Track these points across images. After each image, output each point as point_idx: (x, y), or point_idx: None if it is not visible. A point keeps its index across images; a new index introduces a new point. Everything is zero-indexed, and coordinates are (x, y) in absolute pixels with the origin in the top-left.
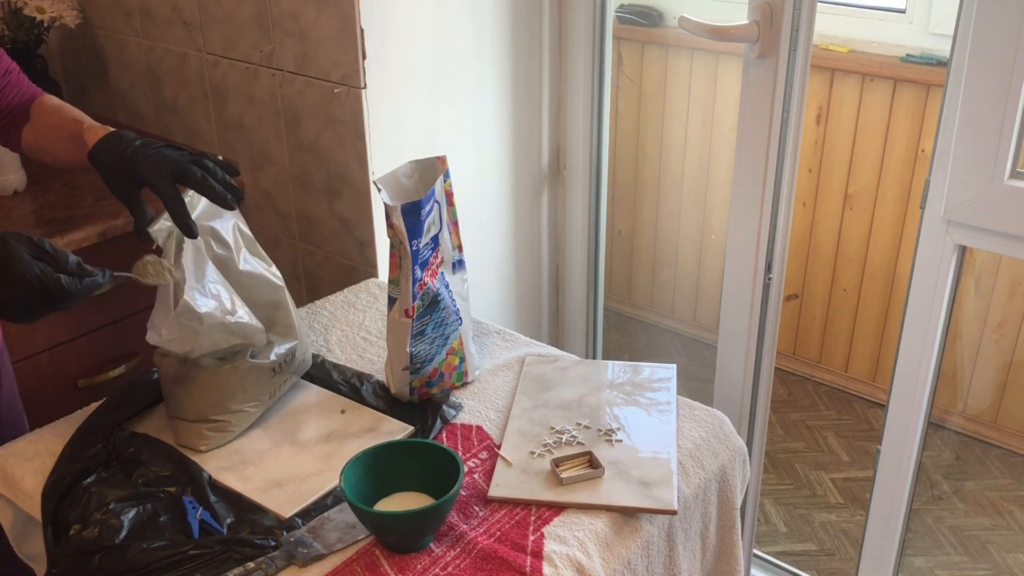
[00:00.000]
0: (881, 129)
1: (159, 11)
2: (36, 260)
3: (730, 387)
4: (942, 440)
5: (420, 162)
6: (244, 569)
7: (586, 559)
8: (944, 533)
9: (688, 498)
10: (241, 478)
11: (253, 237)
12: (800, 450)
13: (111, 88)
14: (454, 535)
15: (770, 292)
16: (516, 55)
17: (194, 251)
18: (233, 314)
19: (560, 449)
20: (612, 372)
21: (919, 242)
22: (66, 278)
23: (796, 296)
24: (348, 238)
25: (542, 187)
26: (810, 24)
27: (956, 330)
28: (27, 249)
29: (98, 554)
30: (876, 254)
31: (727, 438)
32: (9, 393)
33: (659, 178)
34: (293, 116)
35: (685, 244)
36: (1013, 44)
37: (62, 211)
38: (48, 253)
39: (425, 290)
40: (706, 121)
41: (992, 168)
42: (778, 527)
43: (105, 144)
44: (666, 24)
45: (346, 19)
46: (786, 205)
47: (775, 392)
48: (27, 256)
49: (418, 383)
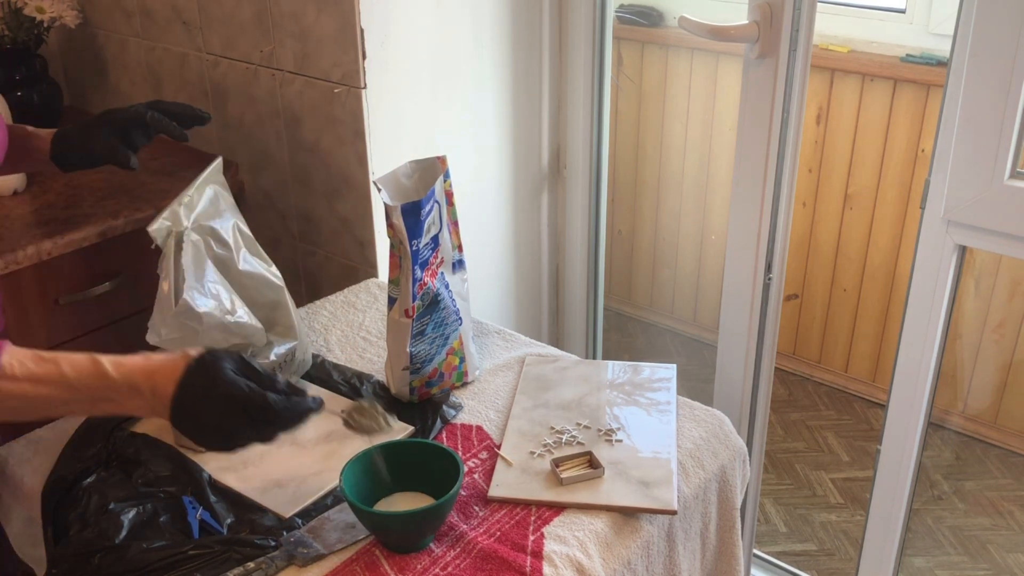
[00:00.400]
0: (881, 129)
1: (159, 11)
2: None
3: (730, 387)
4: (942, 440)
5: (420, 162)
6: (244, 569)
7: (586, 559)
8: (944, 533)
9: (688, 498)
10: (241, 478)
11: (253, 237)
12: (800, 450)
13: (111, 88)
14: (454, 535)
15: (770, 292)
16: (516, 55)
17: (193, 251)
18: (232, 314)
19: (560, 449)
20: (612, 372)
21: (919, 242)
22: (275, 398)
23: (796, 296)
24: (348, 238)
25: (542, 187)
26: (810, 24)
27: (956, 330)
28: (233, 365)
29: (98, 554)
30: (876, 254)
31: (727, 438)
32: None
33: (659, 178)
34: (293, 116)
35: (685, 244)
36: (1013, 44)
37: (62, 211)
38: (255, 371)
39: (425, 290)
40: (706, 121)
41: (992, 168)
42: (778, 527)
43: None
44: (666, 24)
45: (346, 19)
46: (786, 205)
47: (775, 392)
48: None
49: (418, 383)
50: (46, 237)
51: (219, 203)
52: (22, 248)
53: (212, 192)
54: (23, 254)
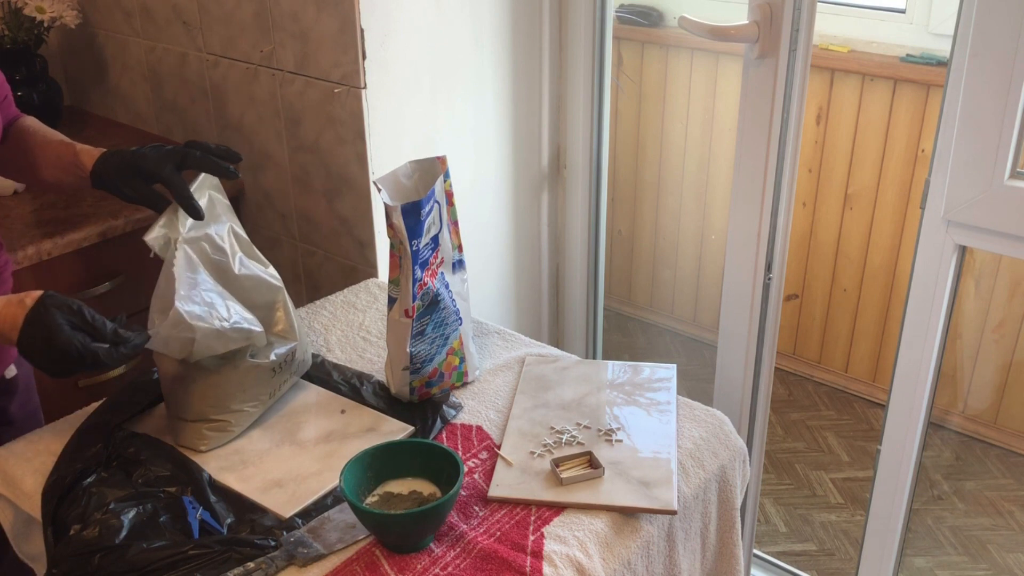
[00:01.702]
0: (881, 129)
1: (159, 11)
2: (76, 331)
3: (730, 387)
4: (942, 440)
5: (420, 162)
6: (244, 569)
7: (586, 559)
8: (944, 533)
9: (688, 498)
10: (241, 478)
11: (249, 240)
12: (800, 450)
13: (111, 88)
14: (454, 535)
15: (770, 292)
16: (516, 55)
17: (186, 259)
18: (228, 320)
19: (560, 449)
20: (612, 372)
21: (919, 242)
22: (104, 351)
23: (796, 296)
24: (348, 238)
25: (542, 187)
26: (810, 24)
27: (956, 330)
28: (67, 318)
29: (98, 554)
30: (876, 254)
31: (727, 438)
32: (26, 388)
33: (659, 178)
34: (293, 116)
35: (685, 244)
36: (1013, 44)
37: (62, 211)
38: (88, 323)
39: (425, 290)
40: (706, 121)
41: (992, 168)
42: (778, 527)
43: (104, 160)
44: (666, 24)
45: (346, 19)
46: (786, 205)
47: (775, 392)
48: (67, 327)
49: (418, 383)
50: (46, 237)
51: (215, 208)
52: (22, 248)
53: (207, 198)
54: (23, 254)
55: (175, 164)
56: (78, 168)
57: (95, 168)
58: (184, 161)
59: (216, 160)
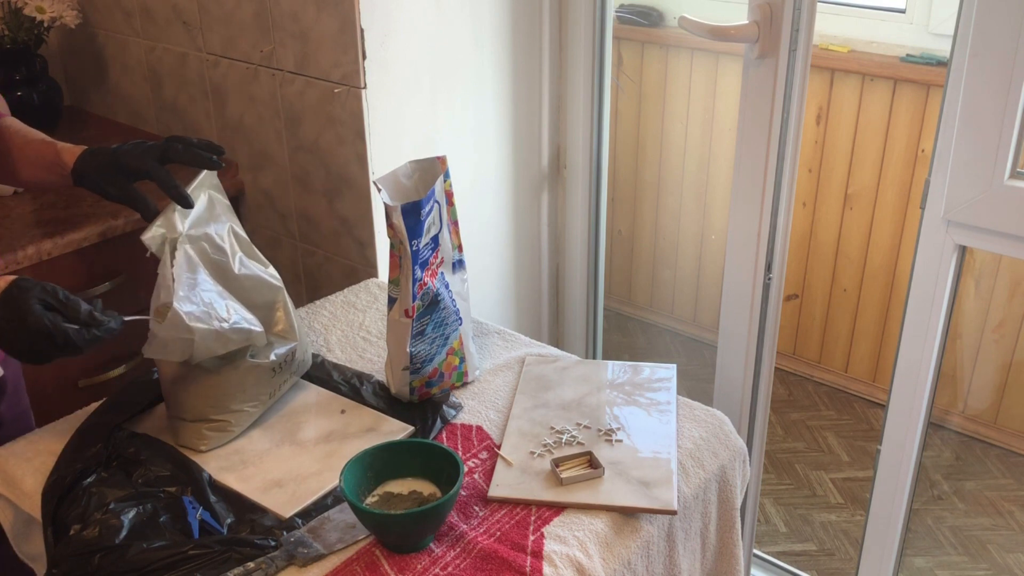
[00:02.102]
0: (881, 129)
1: (159, 11)
2: (48, 311)
3: (730, 387)
4: (942, 440)
5: (420, 162)
6: (244, 569)
7: (586, 559)
8: (944, 533)
9: (688, 498)
10: (241, 478)
11: (249, 240)
12: (800, 450)
13: (111, 88)
14: (454, 535)
15: (770, 292)
16: (516, 55)
17: (186, 259)
18: (227, 321)
19: (560, 449)
20: (612, 372)
21: (919, 242)
22: (75, 331)
23: (796, 296)
24: (348, 238)
25: (542, 187)
26: (810, 24)
27: (956, 330)
28: (39, 298)
29: (98, 554)
30: (876, 254)
31: (727, 438)
32: (14, 390)
33: (659, 178)
34: (293, 116)
35: (685, 244)
36: (1013, 44)
37: (62, 211)
38: (61, 302)
39: (425, 290)
40: (706, 121)
41: (992, 168)
42: (778, 527)
43: (84, 159)
44: (666, 24)
45: (346, 19)
46: (786, 205)
47: (775, 392)
48: (39, 307)
49: (418, 383)
50: (46, 237)
51: (214, 208)
52: (22, 248)
53: (207, 197)
54: (23, 254)
55: (157, 158)
56: (60, 167)
57: (76, 166)
58: (166, 155)
59: (199, 151)
